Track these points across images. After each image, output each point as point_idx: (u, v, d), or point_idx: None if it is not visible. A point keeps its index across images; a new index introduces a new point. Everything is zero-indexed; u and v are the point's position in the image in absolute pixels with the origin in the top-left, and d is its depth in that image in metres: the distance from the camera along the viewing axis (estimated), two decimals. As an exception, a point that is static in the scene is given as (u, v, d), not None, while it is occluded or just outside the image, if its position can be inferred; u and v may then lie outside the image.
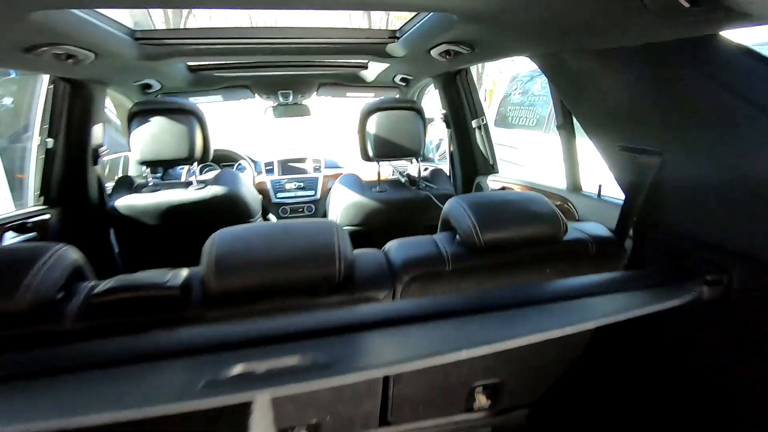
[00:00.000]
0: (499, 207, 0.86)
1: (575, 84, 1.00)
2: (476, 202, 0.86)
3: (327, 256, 0.71)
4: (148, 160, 1.51)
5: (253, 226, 0.76)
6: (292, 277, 0.70)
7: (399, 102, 1.64)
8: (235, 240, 0.72)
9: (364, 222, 1.66)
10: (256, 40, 1.47)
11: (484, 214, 0.82)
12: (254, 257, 0.70)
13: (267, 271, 0.69)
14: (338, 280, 0.71)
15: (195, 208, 1.59)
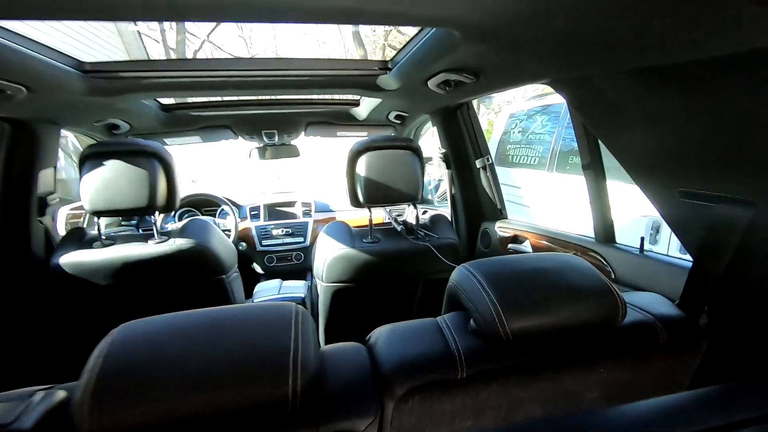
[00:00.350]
0: (528, 280, 0.61)
1: (612, 113, 0.79)
2: (496, 273, 0.62)
3: (275, 370, 0.46)
4: (99, 210, 1.29)
5: (171, 318, 0.51)
6: (218, 406, 0.44)
7: (393, 140, 1.43)
8: (138, 343, 0.48)
9: (353, 278, 1.42)
10: (232, 73, 1.28)
11: (509, 291, 0.58)
12: (163, 373, 0.45)
13: (181, 397, 0.44)
14: (294, 406, 0.46)
15: (155, 264, 1.34)
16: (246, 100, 1.87)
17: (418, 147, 1.48)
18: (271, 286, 1.98)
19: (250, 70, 1.28)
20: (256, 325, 0.50)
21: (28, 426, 0.42)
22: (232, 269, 1.55)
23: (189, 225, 1.44)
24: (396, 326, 0.63)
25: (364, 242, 1.43)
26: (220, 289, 1.45)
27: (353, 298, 1.47)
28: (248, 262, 2.56)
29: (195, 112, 1.84)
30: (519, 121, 4.42)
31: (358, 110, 1.98)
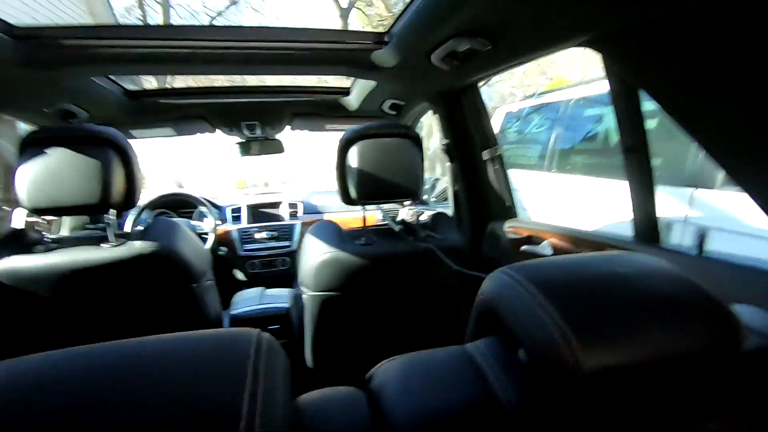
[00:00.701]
0: (604, 290, 0.42)
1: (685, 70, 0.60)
2: (555, 280, 0.42)
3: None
4: (40, 207, 1.07)
5: (59, 359, 0.31)
6: None
7: (389, 127, 1.25)
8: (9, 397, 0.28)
9: (343, 285, 1.22)
10: (200, 43, 1.08)
11: (579, 306, 0.39)
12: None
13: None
14: None
15: (109, 271, 1.13)
16: (223, 87, 1.68)
17: (417, 136, 1.29)
18: (252, 296, 1.76)
19: (223, 40, 1.08)
20: (188, 372, 0.30)
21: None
22: (205, 277, 1.34)
23: (152, 225, 1.23)
24: (410, 360, 0.43)
25: (357, 244, 1.23)
26: (190, 300, 1.24)
27: (345, 310, 1.27)
28: (229, 269, 2.35)
29: (165, 100, 1.64)
30: (515, 120, 4.29)
31: (348, 99, 1.79)
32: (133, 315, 1.20)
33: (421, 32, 0.94)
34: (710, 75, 0.57)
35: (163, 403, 0.28)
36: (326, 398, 0.40)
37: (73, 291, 1.12)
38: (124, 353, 0.33)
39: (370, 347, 0.48)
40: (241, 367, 0.31)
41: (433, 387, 0.39)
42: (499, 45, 0.87)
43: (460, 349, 0.44)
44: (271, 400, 0.30)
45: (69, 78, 1.17)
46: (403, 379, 0.40)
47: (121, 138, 1.12)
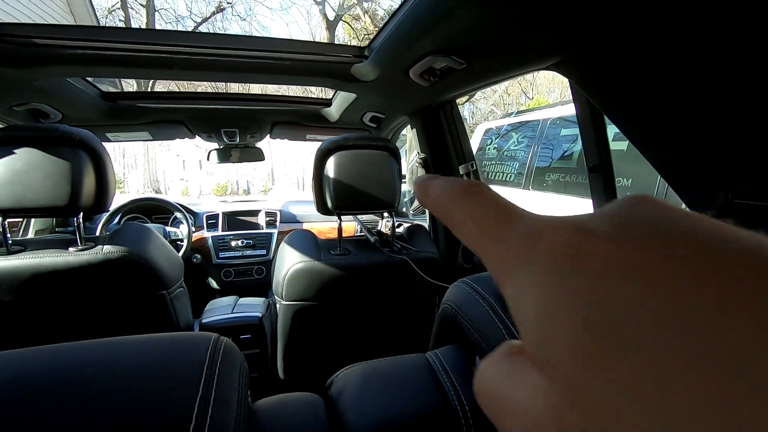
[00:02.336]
0: None
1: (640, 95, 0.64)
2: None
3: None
4: (4, 207, 1.04)
5: (7, 357, 0.30)
6: None
7: (368, 139, 1.26)
8: None
9: (317, 295, 1.21)
10: (179, 49, 1.08)
11: None
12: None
13: None
14: None
15: (76, 276, 1.10)
16: (203, 93, 1.66)
17: (396, 148, 1.31)
18: (225, 304, 1.73)
19: (204, 47, 1.08)
20: (139, 373, 0.30)
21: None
22: (176, 284, 1.31)
23: (121, 230, 1.20)
24: (370, 367, 0.44)
25: (332, 254, 1.23)
26: (160, 307, 1.21)
27: (318, 320, 1.26)
28: (203, 276, 2.30)
29: (143, 104, 1.62)
30: (494, 137, 4.38)
31: (329, 110, 1.80)
32: (100, 322, 1.16)
33: (400, 48, 0.97)
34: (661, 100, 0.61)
35: (111, 406, 0.28)
36: (284, 403, 0.40)
37: (38, 296, 1.08)
38: (75, 354, 0.32)
39: (343, 358, 0.48)
40: (195, 370, 0.31)
41: (390, 393, 0.39)
42: (474, 64, 0.91)
43: (420, 357, 0.45)
44: (224, 404, 0.30)
45: (42, 78, 1.14)
46: (361, 385, 0.41)
47: (93, 140, 1.10)
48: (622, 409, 0.09)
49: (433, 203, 0.15)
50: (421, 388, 0.40)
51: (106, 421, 0.27)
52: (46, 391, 0.29)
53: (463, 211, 0.14)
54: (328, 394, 0.43)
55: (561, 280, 0.11)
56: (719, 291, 0.09)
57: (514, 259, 0.12)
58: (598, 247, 0.11)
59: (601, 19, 0.60)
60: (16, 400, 0.28)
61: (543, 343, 0.11)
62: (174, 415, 0.28)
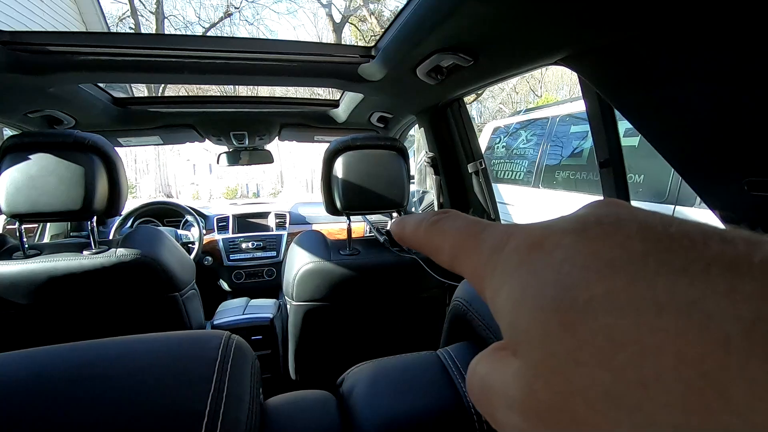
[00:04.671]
0: None
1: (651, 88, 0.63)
2: None
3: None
4: (20, 212, 1.06)
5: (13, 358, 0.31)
6: None
7: (376, 139, 1.26)
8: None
9: (327, 295, 1.22)
10: (190, 53, 1.09)
11: None
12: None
13: None
14: None
15: (90, 279, 1.12)
16: (212, 97, 1.68)
17: (404, 148, 1.31)
18: (236, 305, 1.74)
19: (213, 51, 1.10)
20: (153, 369, 0.31)
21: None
22: (188, 286, 1.32)
23: (134, 233, 1.22)
24: (381, 364, 0.44)
25: (342, 254, 1.23)
26: (172, 309, 1.23)
27: (329, 320, 1.26)
28: (214, 279, 2.32)
29: (153, 108, 1.64)
30: (503, 136, 4.35)
31: (337, 111, 1.81)
32: (113, 323, 1.18)
33: (406, 47, 0.96)
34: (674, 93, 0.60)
35: (126, 401, 0.28)
36: (296, 400, 0.40)
37: (53, 299, 1.10)
38: (90, 352, 0.33)
39: (354, 357, 0.49)
40: (207, 367, 0.31)
41: (402, 390, 0.39)
42: (481, 61, 0.90)
43: (431, 355, 0.45)
44: (236, 400, 0.30)
45: (56, 84, 1.16)
46: (372, 382, 0.41)
47: (106, 145, 1.12)
48: (588, 371, 0.10)
49: (410, 238, 0.17)
50: (433, 385, 0.40)
51: (121, 415, 0.27)
52: (63, 387, 0.29)
53: (438, 237, 0.15)
54: (339, 392, 0.43)
55: (528, 269, 0.12)
56: (656, 267, 0.10)
57: (487, 264, 0.13)
58: (561, 239, 0.12)
59: (610, 11, 0.59)
60: (36, 396, 0.28)
61: (516, 326, 0.11)
62: (187, 410, 0.28)
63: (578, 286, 0.10)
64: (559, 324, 0.10)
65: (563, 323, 0.10)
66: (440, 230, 0.15)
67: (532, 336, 0.11)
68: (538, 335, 0.11)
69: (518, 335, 0.11)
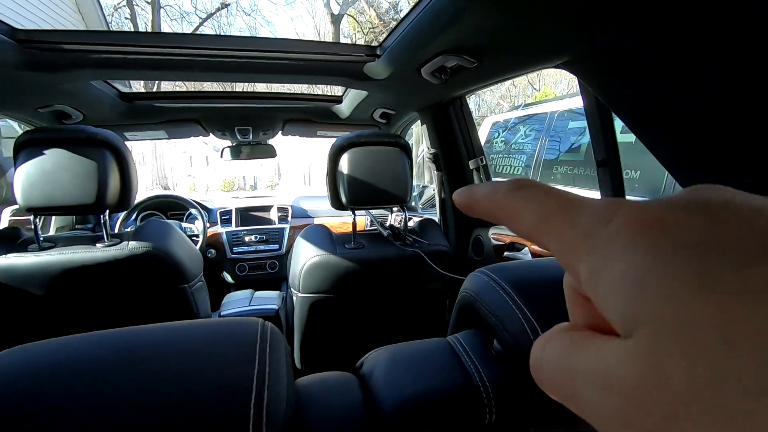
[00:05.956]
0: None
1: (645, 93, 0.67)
2: (525, 280, 0.48)
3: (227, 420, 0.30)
4: (35, 206, 1.09)
5: (74, 343, 0.35)
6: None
7: (380, 136, 1.30)
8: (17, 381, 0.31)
9: (333, 287, 1.26)
10: (199, 51, 1.12)
11: (547, 302, 0.44)
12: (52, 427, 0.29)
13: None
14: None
15: (103, 271, 1.15)
16: (217, 92, 1.70)
17: (407, 144, 1.35)
18: (241, 297, 1.79)
19: (221, 49, 1.12)
20: (203, 353, 0.35)
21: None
22: (197, 278, 1.36)
23: (145, 226, 1.25)
24: (397, 349, 0.48)
25: (347, 248, 1.27)
26: (182, 300, 1.26)
27: (333, 312, 1.30)
28: (218, 271, 2.36)
29: (159, 104, 1.66)
30: (501, 131, 4.39)
31: (340, 107, 1.84)
32: (125, 314, 1.21)
33: (412, 48, 1.00)
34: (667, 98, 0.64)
35: (181, 380, 0.32)
36: (322, 381, 0.44)
37: (68, 290, 1.14)
38: (135, 337, 0.37)
39: (358, 348, 0.52)
40: (250, 349, 0.36)
41: (417, 372, 0.44)
42: (485, 62, 0.94)
43: (442, 341, 0.49)
44: (276, 379, 0.34)
45: (68, 81, 1.19)
46: (389, 365, 0.45)
47: (117, 140, 1.15)
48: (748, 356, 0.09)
49: (483, 204, 0.16)
50: (445, 368, 0.44)
51: (178, 391, 0.31)
52: (117, 368, 0.33)
53: (519, 204, 0.15)
54: (359, 373, 0.47)
55: (651, 247, 0.11)
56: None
57: (586, 239, 0.12)
58: (688, 219, 0.11)
59: (607, 20, 0.62)
60: (92, 377, 0.32)
61: (637, 307, 0.11)
62: (238, 386, 0.32)
63: (727, 270, 0.10)
64: (708, 307, 0.10)
65: (715, 306, 0.10)
66: (524, 198, 0.15)
67: (667, 318, 0.10)
68: (676, 318, 0.10)
69: (641, 316, 0.11)
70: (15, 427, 0.29)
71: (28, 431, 0.28)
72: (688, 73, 0.60)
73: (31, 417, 0.29)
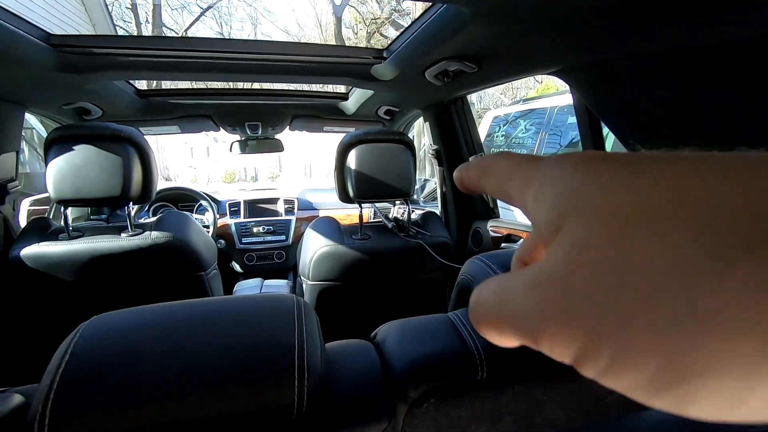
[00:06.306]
0: None
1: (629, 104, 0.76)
2: None
3: (277, 372, 0.39)
4: (66, 198, 1.18)
5: (151, 311, 0.44)
6: (209, 412, 0.37)
7: (386, 133, 1.38)
8: (111, 339, 0.40)
9: (340, 276, 1.35)
10: (215, 55, 1.20)
11: None
12: (141, 374, 0.38)
13: (162, 402, 0.37)
14: (299, 412, 0.39)
15: (128, 259, 1.24)
16: (229, 89, 1.78)
17: (410, 141, 1.43)
18: (252, 285, 1.89)
19: (236, 53, 1.20)
20: (252, 318, 0.44)
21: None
22: (212, 266, 1.45)
23: (165, 217, 1.34)
24: (406, 322, 0.57)
25: (354, 239, 1.36)
26: (198, 286, 1.36)
27: (341, 298, 1.40)
28: (227, 261, 2.46)
29: (174, 100, 1.74)
30: (502, 125, 4.45)
31: (346, 104, 1.91)
32: (147, 299, 1.31)
33: (417, 54, 1.07)
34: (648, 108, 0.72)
35: (240, 336, 0.41)
36: (345, 345, 0.53)
37: (95, 276, 1.23)
38: (200, 307, 0.46)
39: (364, 332, 0.61)
40: (290, 316, 0.45)
41: (422, 339, 0.53)
42: (484, 68, 1.01)
43: (444, 316, 0.59)
44: (311, 340, 0.43)
45: (94, 82, 1.27)
46: (400, 334, 0.54)
47: (139, 136, 1.23)
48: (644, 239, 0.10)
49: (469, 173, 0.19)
50: (446, 336, 0.53)
51: (241, 346, 0.40)
52: (191, 328, 0.42)
53: (493, 164, 0.17)
54: (374, 341, 0.56)
55: (588, 169, 0.13)
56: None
57: (537, 174, 0.15)
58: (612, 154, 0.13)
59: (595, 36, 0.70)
60: (170, 334, 0.41)
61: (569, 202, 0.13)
62: (284, 342, 0.41)
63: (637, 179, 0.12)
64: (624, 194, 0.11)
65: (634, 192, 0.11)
66: (496, 158, 0.17)
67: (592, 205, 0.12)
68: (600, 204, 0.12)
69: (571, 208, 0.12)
70: (116, 371, 0.38)
71: (126, 374, 0.38)
72: (672, 87, 0.68)
73: (128, 364, 0.38)
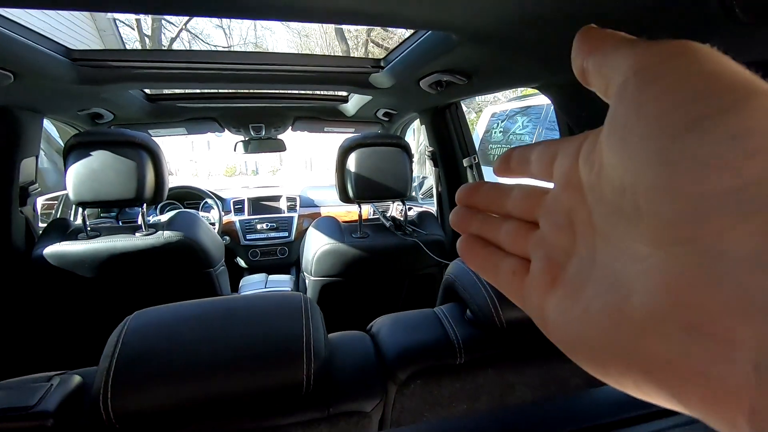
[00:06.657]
0: None
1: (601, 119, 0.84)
2: None
3: (289, 356, 0.48)
4: (85, 200, 1.27)
5: (183, 306, 0.53)
6: (234, 389, 0.47)
7: (383, 137, 1.46)
8: (154, 330, 0.49)
9: (341, 272, 1.44)
10: (223, 66, 1.28)
11: None
12: (180, 359, 0.47)
13: (198, 382, 0.46)
14: (307, 389, 0.48)
15: (142, 257, 1.33)
16: (233, 93, 1.86)
17: (407, 145, 1.51)
18: (257, 280, 1.98)
19: (242, 64, 1.28)
20: (268, 313, 0.53)
21: (51, 408, 0.43)
22: (219, 263, 1.55)
23: (176, 217, 1.43)
24: (397, 316, 0.66)
25: (354, 237, 1.45)
26: (208, 282, 1.45)
27: (342, 293, 1.49)
28: (232, 256, 2.55)
29: (181, 104, 1.82)
30: (500, 121, 4.52)
31: (346, 107, 1.99)
32: (160, 294, 1.40)
33: (412, 66, 1.15)
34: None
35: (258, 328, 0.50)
36: (345, 336, 0.63)
37: (112, 273, 1.32)
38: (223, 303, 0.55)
39: (363, 323, 0.70)
40: (298, 312, 0.54)
41: (411, 330, 0.62)
42: (474, 81, 1.09)
43: (430, 311, 0.68)
44: (316, 331, 0.52)
45: (109, 91, 1.35)
46: (392, 326, 0.63)
47: (151, 141, 1.32)
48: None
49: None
50: (430, 328, 0.62)
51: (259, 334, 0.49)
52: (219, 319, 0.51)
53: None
54: (370, 333, 0.65)
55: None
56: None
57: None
58: None
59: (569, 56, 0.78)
60: (203, 324, 0.50)
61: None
62: (294, 333, 0.50)
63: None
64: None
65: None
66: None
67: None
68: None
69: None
70: (160, 356, 0.47)
71: (169, 358, 0.47)
72: None
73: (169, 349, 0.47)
